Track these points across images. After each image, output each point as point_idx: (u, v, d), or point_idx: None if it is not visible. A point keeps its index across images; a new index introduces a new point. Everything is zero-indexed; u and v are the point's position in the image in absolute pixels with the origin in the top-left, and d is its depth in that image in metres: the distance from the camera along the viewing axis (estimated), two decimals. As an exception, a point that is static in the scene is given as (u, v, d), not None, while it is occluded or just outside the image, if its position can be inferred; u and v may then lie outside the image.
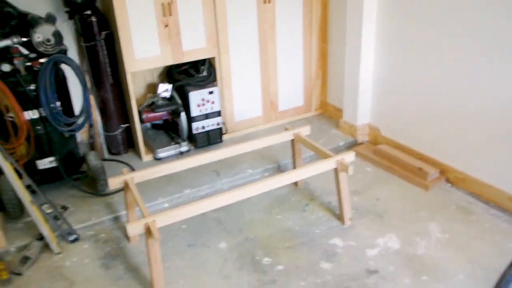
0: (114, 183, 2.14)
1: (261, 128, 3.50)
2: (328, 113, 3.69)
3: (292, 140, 2.65)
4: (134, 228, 1.82)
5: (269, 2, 3.16)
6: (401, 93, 2.93)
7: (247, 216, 2.54)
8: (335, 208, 2.54)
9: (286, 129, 2.65)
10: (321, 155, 2.40)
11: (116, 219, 2.53)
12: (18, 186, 2.07)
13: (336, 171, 2.31)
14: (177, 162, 2.34)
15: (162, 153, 3.10)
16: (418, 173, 2.73)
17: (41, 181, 2.60)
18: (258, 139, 2.57)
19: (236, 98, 3.32)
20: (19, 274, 2.14)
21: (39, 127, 2.48)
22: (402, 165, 2.84)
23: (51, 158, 2.56)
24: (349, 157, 2.30)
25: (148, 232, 1.82)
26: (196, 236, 2.39)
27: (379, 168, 2.97)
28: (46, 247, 2.27)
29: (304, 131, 2.63)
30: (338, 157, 2.28)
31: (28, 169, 2.52)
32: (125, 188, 2.19)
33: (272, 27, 3.25)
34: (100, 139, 3.11)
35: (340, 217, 2.45)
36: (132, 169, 2.96)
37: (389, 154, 2.94)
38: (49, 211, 2.22)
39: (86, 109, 2.62)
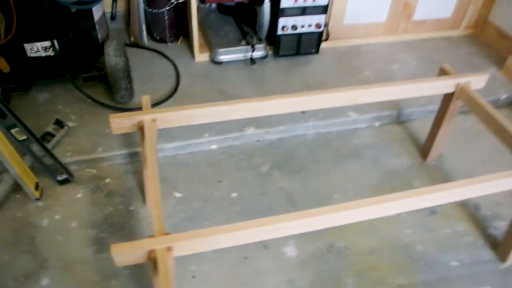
0: (119, 125, 1.17)
1: (381, 40, 2.29)
2: (485, 38, 2.35)
3: (451, 94, 1.48)
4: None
5: None
6: None
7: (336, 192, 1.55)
8: (494, 230, 1.47)
9: (444, 71, 1.47)
10: (503, 138, 1.26)
11: (137, 155, 1.62)
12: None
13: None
14: (233, 105, 1.29)
15: (225, 55, 2.05)
16: None
17: (32, 74, 1.69)
18: (392, 84, 1.41)
19: (354, -11, 2.08)
20: (-31, 224, 1.37)
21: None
22: None
23: (47, 43, 1.59)
24: None
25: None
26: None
27: None
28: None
29: (477, 82, 1.44)
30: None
31: (13, 55, 1.60)
32: (141, 131, 1.23)
33: None
34: (140, 18, 2.08)
35: (501, 251, 1.40)
36: (176, 70, 1.98)
37: None
38: (21, 138, 1.34)
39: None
